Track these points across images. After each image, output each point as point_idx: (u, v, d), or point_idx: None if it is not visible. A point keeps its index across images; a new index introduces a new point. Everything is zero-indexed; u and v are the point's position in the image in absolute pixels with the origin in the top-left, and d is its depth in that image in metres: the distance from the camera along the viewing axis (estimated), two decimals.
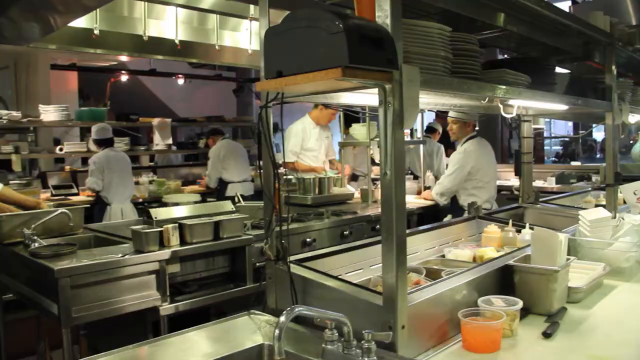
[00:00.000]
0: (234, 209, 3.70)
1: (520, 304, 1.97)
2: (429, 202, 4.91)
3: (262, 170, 2.04)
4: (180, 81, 10.65)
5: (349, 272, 2.32)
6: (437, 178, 5.69)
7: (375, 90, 1.62)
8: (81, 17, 5.00)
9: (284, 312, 1.44)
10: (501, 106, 2.42)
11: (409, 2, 2.09)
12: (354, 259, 2.38)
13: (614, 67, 3.28)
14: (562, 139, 10.59)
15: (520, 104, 2.48)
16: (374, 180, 5.32)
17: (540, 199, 3.76)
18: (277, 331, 1.39)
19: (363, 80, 1.52)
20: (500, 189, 5.90)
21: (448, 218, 3.59)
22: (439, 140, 7.01)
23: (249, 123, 10.35)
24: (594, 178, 6.62)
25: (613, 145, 3.25)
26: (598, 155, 14.73)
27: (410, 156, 6.54)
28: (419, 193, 5.40)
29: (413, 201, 5.08)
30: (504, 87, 2.18)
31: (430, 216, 4.73)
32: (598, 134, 9.63)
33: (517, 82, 2.40)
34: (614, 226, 2.80)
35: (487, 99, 2.39)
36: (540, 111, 3.39)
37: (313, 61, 1.54)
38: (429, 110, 4.95)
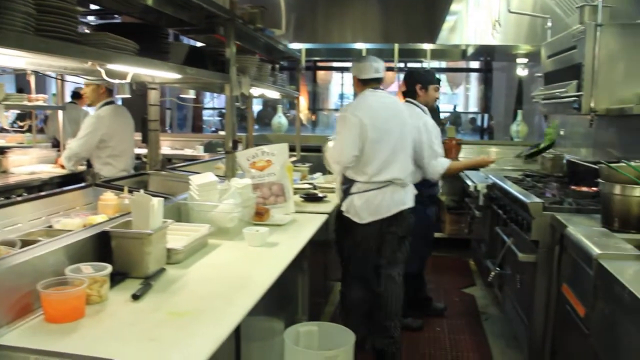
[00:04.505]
0: None
1: (108, 269, 1.98)
2: (67, 171, 4.67)
3: None
4: None
5: None
6: None
7: None
8: None
9: None
10: (102, 70, 2.37)
11: None
12: None
13: (233, 42, 3.50)
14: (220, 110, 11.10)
15: (123, 69, 2.46)
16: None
17: (168, 166, 3.87)
18: None
19: None
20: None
21: None
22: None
23: None
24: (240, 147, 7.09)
25: (231, 114, 3.48)
26: (257, 127, 15.91)
27: (55, 123, 6.13)
28: (57, 162, 5.09)
29: (47, 170, 4.79)
30: (95, 50, 2.13)
31: None
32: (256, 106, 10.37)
33: (122, 48, 2.37)
34: (223, 189, 3.02)
35: (90, 63, 2.31)
36: (165, 80, 3.45)
37: None
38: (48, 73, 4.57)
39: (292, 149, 5.85)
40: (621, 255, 2.31)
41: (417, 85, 4.19)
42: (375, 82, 3.69)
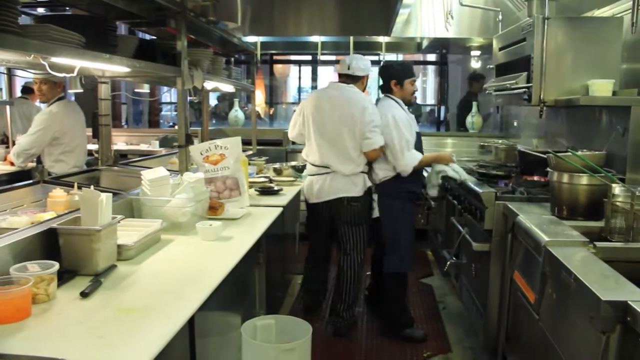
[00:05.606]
0: None
1: (55, 267, 1.93)
2: (16, 168, 4.54)
3: None
4: None
5: None
6: None
7: None
8: None
9: None
10: (46, 63, 2.31)
11: None
12: None
13: (184, 35, 3.45)
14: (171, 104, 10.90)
15: (68, 62, 2.40)
16: None
17: (121, 162, 3.80)
18: None
19: None
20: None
21: None
22: None
23: None
24: (195, 141, 7.00)
25: (183, 108, 3.44)
26: (214, 121, 15.76)
27: (3, 119, 5.95)
28: (6, 159, 4.95)
29: None
30: (37, 42, 2.07)
31: None
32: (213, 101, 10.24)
33: (65, 40, 2.31)
34: (175, 184, 2.98)
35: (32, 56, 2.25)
36: (115, 73, 3.38)
37: None
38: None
39: (249, 142, 5.84)
40: (568, 242, 2.37)
41: (391, 82, 4.03)
42: (346, 78, 3.99)
